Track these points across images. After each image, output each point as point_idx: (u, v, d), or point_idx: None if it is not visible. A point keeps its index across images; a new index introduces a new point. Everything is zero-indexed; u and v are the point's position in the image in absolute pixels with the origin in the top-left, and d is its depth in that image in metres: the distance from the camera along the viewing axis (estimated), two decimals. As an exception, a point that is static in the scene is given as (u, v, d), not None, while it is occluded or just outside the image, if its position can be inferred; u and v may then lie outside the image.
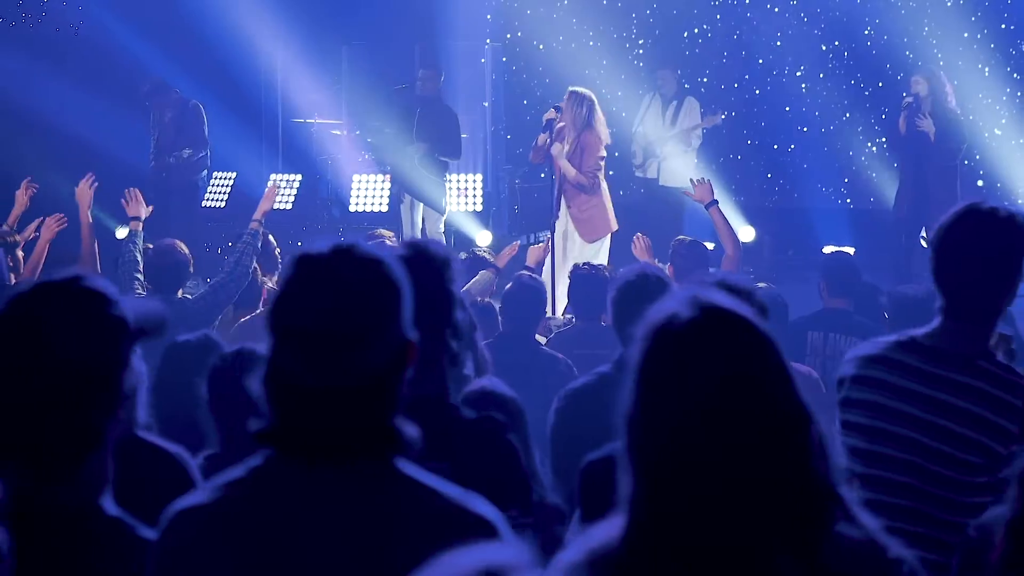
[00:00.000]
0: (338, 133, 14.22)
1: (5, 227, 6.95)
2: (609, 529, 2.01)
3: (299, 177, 13.28)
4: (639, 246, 8.21)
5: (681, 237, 7.67)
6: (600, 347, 6.68)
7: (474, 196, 13.05)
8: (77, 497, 2.18)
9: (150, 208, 7.94)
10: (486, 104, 14.79)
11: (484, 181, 13.50)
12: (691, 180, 8.33)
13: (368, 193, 13.16)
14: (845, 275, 7.32)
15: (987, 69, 13.26)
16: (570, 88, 10.31)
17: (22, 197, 7.81)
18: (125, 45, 13.38)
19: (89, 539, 2.16)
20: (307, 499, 2.10)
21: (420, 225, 11.74)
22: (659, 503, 1.94)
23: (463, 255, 8.49)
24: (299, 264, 2.13)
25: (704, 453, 1.90)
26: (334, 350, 2.08)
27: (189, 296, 7.24)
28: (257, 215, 7.71)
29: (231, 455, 3.56)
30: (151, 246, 7.21)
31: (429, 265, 2.84)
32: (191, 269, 7.18)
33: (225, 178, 13.19)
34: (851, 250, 11.92)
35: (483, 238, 12.37)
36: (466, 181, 13.05)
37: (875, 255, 11.49)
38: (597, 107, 10.10)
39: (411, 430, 2.13)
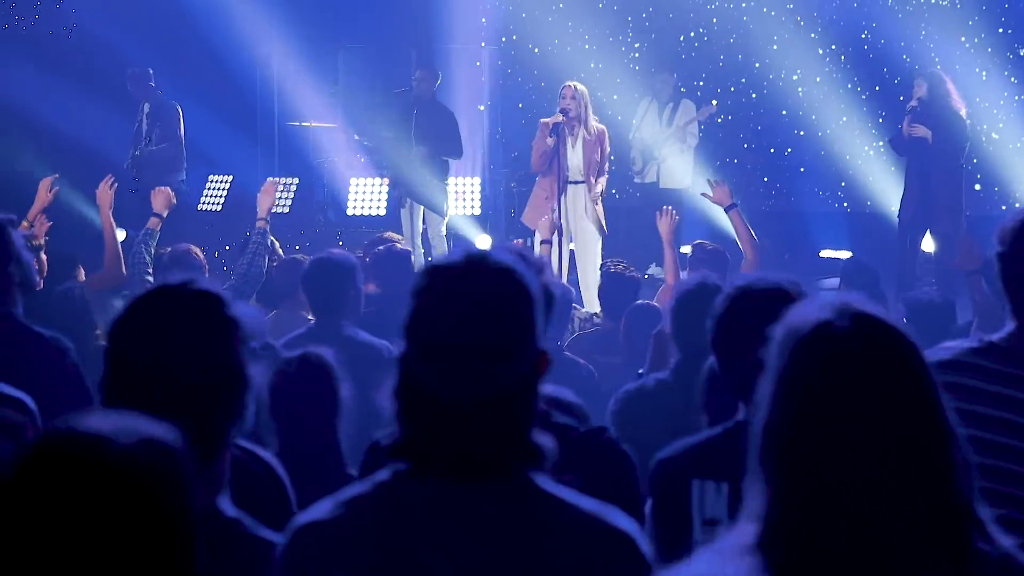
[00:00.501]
0: (334, 136, 14.14)
1: (24, 224, 6.79)
2: (739, 537, 1.97)
3: (296, 180, 13.20)
4: (664, 220, 8.12)
5: (700, 241, 7.60)
6: (616, 355, 6.60)
7: (472, 200, 13.00)
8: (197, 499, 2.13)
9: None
10: (482, 108, 14.73)
11: (482, 185, 13.44)
12: (708, 182, 8.24)
13: (366, 197, 13.09)
14: (864, 280, 7.31)
15: (984, 73, 13.26)
16: (569, 83, 10.37)
17: (44, 193, 7.64)
18: (120, 47, 13.28)
19: (209, 540, 2.11)
20: (445, 516, 2.03)
21: (421, 229, 11.68)
22: (801, 514, 1.90)
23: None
24: (433, 275, 2.08)
25: (855, 464, 1.86)
26: (474, 362, 2.02)
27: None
28: (262, 214, 7.63)
29: (290, 461, 3.51)
30: (169, 249, 7.15)
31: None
32: (206, 275, 7.10)
33: (222, 181, 13.09)
34: (848, 254, 11.91)
35: (483, 242, 12.33)
36: (463, 185, 13.00)
37: (873, 259, 11.44)
38: None
39: (547, 443, 2.07)
